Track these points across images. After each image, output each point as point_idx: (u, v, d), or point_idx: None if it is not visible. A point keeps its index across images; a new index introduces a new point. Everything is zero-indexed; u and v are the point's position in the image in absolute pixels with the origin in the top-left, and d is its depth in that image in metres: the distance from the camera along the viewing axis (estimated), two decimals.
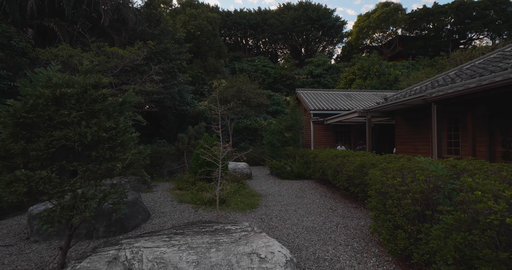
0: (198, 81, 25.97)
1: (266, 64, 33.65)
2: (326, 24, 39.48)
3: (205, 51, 30.80)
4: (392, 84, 24.06)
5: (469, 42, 45.58)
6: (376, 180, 3.90)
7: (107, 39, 10.74)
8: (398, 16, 43.77)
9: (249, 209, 5.72)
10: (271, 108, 23.73)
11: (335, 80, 31.35)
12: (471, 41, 44.99)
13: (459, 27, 44.26)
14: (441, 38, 45.28)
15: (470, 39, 44.82)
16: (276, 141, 11.64)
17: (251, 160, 15.57)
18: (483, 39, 44.61)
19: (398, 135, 11.78)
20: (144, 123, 8.77)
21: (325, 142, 17.10)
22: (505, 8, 38.59)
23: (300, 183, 9.12)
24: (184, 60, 13.10)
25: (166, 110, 19.40)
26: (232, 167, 9.70)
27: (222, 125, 19.77)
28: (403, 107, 10.73)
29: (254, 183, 9.20)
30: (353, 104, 18.11)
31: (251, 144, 19.26)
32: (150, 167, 10.38)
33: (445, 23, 44.58)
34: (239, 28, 39.82)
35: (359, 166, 5.69)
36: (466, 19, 41.78)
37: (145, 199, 6.67)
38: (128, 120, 3.30)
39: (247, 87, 16.73)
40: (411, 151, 10.97)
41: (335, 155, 7.42)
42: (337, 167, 6.63)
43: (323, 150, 9.31)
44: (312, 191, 7.78)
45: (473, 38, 44.54)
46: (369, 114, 11.92)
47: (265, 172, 11.96)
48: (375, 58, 25.53)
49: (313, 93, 20.56)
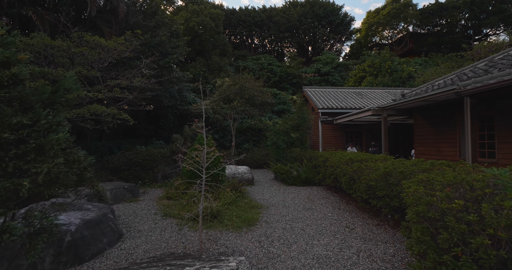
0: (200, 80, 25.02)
1: (272, 62, 32.55)
2: (334, 21, 38.16)
3: (209, 49, 29.92)
4: (405, 81, 22.66)
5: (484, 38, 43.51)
6: (418, 198, 2.78)
7: (96, 31, 9.84)
8: (409, 12, 42.09)
9: (246, 227, 4.65)
10: (276, 108, 22.62)
11: (344, 78, 30.03)
12: (487, 37, 42.93)
13: (474, 22, 42.32)
14: (455, 34, 43.35)
15: (485, 35, 42.80)
16: (281, 142, 10.55)
17: (255, 163, 14.51)
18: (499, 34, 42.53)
19: (418, 135, 10.55)
20: (131, 122, 7.81)
21: (335, 143, 15.92)
22: None
23: (308, 190, 8.00)
24: (181, 55, 12.12)
25: (165, 109, 18.49)
26: (231, 172, 8.65)
27: (225, 125, 18.82)
28: (425, 104, 9.52)
29: (256, 190, 8.13)
30: (364, 102, 16.88)
31: (255, 145, 18.21)
32: (142, 171, 9.42)
33: (459, 18, 42.70)
34: (244, 26, 38.84)
35: (382, 175, 4.56)
36: (481, 14, 39.86)
37: (124, 212, 5.67)
38: (61, 116, 2.27)
39: (251, 84, 15.68)
40: (433, 154, 9.74)
41: (350, 159, 6.29)
42: (353, 174, 5.51)
43: (334, 153, 8.17)
44: (322, 201, 6.66)
45: (489, 34, 42.51)
46: (384, 112, 10.73)
47: (269, 176, 10.87)
48: (387, 54, 24.17)
49: (321, 91, 19.39)
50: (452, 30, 43.80)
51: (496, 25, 37.84)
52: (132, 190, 7.08)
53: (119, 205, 6.28)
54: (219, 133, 18.40)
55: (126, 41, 7.87)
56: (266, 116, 21.14)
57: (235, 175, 8.57)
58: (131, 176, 9.18)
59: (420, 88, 10.94)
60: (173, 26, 11.65)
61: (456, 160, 8.82)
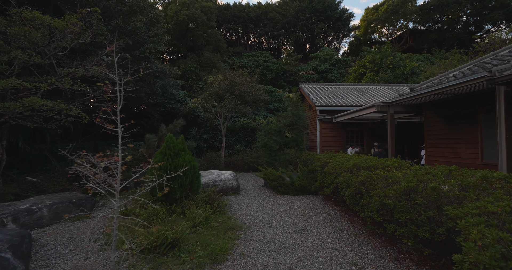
0: (192, 77, 23.66)
1: (268, 59, 31.18)
2: (333, 16, 36.82)
3: (201, 45, 28.52)
4: (408, 77, 21.37)
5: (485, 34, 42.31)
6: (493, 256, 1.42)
7: (57, 14, 8.44)
8: (408, 8, 40.86)
9: (210, 265, 3.28)
10: (272, 106, 21.27)
11: (343, 75, 28.71)
12: (489, 33, 41.75)
13: (475, 18, 41.17)
14: (456, 30, 42.16)
15: (488, 31, 41.63)
16: (273, 143, 9.19)
17: (246, 166, 13.14)
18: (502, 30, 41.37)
19: (429, 135, 9.22)
20: (85, 119, 6.40)
21: (334, 143, 14.60)
22: None
23: (303, 201, 6.64)
24: (160, 44, 10.70)
25: (152, 107, 17.11)
26: (212, 179, 7.27)
27: (215, 124, 17.45)
28: (439, 99, 8.23)
29: (240, 201, 6.75)
30: (365, 99, 15.57)
31: (248, 146, 16.84)
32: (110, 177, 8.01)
33: (460, 14, 41.53)
34: (239, 22, 37.42)
35: (404, 191, 3.21)
36: (483, 9, 38.67)
37: (57, 237, 4.28)
38: None
39: (242, 80, 14.32)
40: (448, 156, 8.42)
41: (355, 166, 4.93)
42: (360, 186, 4.16)
43: (334, 156, 6.83)
44: (320, 217, 5.30)
45: (491, 30, 41.33)
46: (391, 109, 9.41)
47: (259, 182, 9.50)
48: (388, 49, 22.86)
49: (319, 87, 18.07)
50: (453, 27, 42.61)
51: (500, 20, 36.56)
52: (83, 204, 5.69)
53: (58, 225, 4.90)
54: (209, 133, 17.03)
55: (82, 22, 6.47)
56: (260, 115, 19.79)
57: (217, 182, 7.19)
58: None
59: (431, 80, 9.62)
60: (151, 12, 10.23)
61: (477, 164, 7.50)
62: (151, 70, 12.20)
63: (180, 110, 16.99)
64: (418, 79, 21.09)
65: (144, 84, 13.03)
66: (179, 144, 5.73)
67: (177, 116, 17.71)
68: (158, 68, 11.29)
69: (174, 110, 17.22)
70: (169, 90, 14.94)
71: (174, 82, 15.73)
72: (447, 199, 2.82)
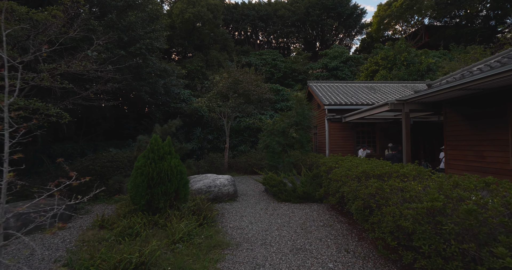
0: (197, 76, 23.21)
1: (276, 57, 30.41)
2: (344, 12, 35.66)
3: (208, 44, 28.06)
4: (423, 74, 20.16)
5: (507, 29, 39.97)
6: None
7: None
8: (424, 3, 39.13)
9: None
10: (279, 105, 20.53)
11: (354, 73, 27.60)
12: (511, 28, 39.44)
13: (496, 12, 38.99)
14: (475, 25, 40.07)
15: (510, 25, 39.33)
16: (275, 145, 8.48)
17: (249, 168, 12.48)
18: None
19: (449, 136, 8.29)
20: (64, 119, 5.89)
21: (344, 144, 13.76)
22: None
23: (305, 210, 5.91)
24: (158, 40, 10.17)
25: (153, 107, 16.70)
26: (206, 184, 6.63)
27: (220, 124, 16.88)
28: (461, 95, 7.34)
29: (235, 209, 6.09)
30: (377, 98, 14.64)
31: (253, 147, 16.17)
32: (100, 182, 7.53)
33: (479, 8, 39.43)
34: (248, 20, 36.80)
35: (427, 211, 2.46)
36: (505, 2, 36.51)
37: (15, 254, 3.74)
38: None
39: (246, 77, 13.67)
40: (472, 159, 7.49)
41: (363, 173, 4.17)
42: (369, 198, 3.42)
43: (341, 160, 6.07)
44: (323, 231, 4.57)
45: None
46: (406, 107, 8.54)
47: (261, 187, 8.81)
48: (403, 45, 21.66)
49: (328, 85, 17.21)
50: (472, 22, 40.55)
51: None
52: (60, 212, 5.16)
53: (22, 238, 4.38)
54: (213, 134, 16.46)
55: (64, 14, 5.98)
56: (267, 115, 19.09)
57: (211, 188, 6.55)
58: (84, 188, 7.30)
59: (452, 75, 8.66)
60: (148, 6, 9.71)
61: (506, 169, 6.57)
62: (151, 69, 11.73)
63: (185, 110, 16.53)
64: (435, 76, 19.86)
65: (144, 83, 12.59)
66: (164, 147, 5.13)
67: (181, 116, 17.27)
68: (156, 66, 10.78)
69: (179, 110, 16.77)
70: (171, 89, 14.46)
71: (177, 82, 15.25)
72: (489, 226, 2.06)
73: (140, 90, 11.80)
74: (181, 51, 29.19)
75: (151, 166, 4.83)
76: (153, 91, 13.43)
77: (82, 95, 7.49)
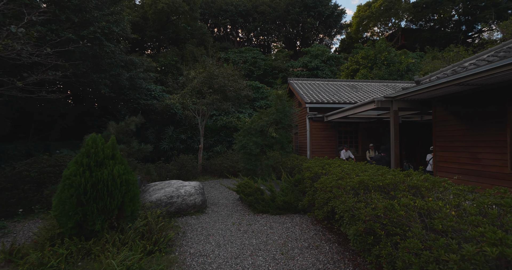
0: (172, 71, 21.70)
1: (256, 55, 29.44)
2: (324, 12, 35.42)
3: (184, 38, 26.50)
4: (403, 74, 20.06)
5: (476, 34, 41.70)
6: None
7: None
8: (401, 6, 39.97)
9: None
10: (258, 103, 19.57)
11: (335, 73, 27.27)
12: (480, 33, 41.22)
13: (467, 18, 40.58)
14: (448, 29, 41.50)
15: (479, 30, 41.09)
16: (252, 146, 7.46)
17: (225, 170, 11.37)
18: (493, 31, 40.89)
19: (439, 136, 7.70)
20: None
21: (326, 144, 13.04)
22: None
23: (286, 225, 4.93)
24: (118, 25, 8.79)
25: (117, 102, 15.10)
26: (167, 194, 5.46)
27: (195, 123, 15.63)
28: (457, 91, 6.72)
29: (202, 225, 4.99)
30: (359, 96, 14.09)
31: (230, 148, 15.08)
32: (36, 192, 6.10)
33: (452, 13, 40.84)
34: (227, 16, 35.57)
35: (494, 260, 1.54)
36: (475, 9, 38.04)
37: None
38: None
39: (222, 72, 12.55)
40: (465, 162, 6.90)
41: (361, 183, 3.24)
42: (373, 221, 2.49)
43: (328, 164, 5.16)
44: (308, 257, 3.61)
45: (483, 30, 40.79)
46: (395, 104, 7.86)
47: (235, 194, 7.74)
48: (383, 44, 21.50)
49: (309, 83, 16.50)
50: (445, 26, 41.95)
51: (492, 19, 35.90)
52: None
53: None
54: (187, 133, 15.16)
55: None
56: (245, 113, 18.06)
57: (173, 199, 5.39)
58: (15, 199, 5.86)
59: (442, 71, 8.09)
60: None
61: (505, 173, 6.00)
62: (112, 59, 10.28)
63: (156, 107, 15.11)
64: (414, 76, 19.81)
65: (106, 75, 11.09)
66: (105, 149, 3.93)
67: (152, 113, 15.82)
68: (118, 55, 9.36)
69: (149, 107, 15.31)
70: (138, 82, 13.00)
71: (146, 75, 13.81)
72: None
73: (99, 82, 10.31)
74: (154, 45, 27.40)
75: (85, 175, 3.63)
76: (116, 84, 11.94)
77: (14, 85, 6.03)
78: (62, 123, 13.50)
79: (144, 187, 6.12)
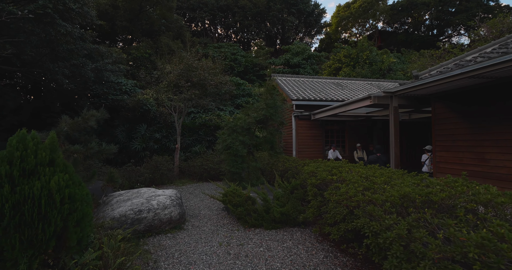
0: (145, 65, 20.03)
1: (236, 52, 28.33)
2: (304, 9, 35.09)
3: (159, 31, 24.76)
4: (385, 73, 20.00)
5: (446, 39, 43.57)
6: None
7: None
8: (379, 7, 40.79)
9: None
10: (239, 100, 18.53)
11: (317, 71, 26.90)
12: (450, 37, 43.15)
13: (438, 22, 42.28)
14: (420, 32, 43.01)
15: (449, 35, 42.99)
16: (239, 146, 6.46)
17: (205, 173, 10.24)
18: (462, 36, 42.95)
19: (439, 135, 7.16)
20: None
21: (312, 144, 12.34)
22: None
23: (286, 245, 3.99)
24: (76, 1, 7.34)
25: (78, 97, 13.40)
26: (135, 207, 4.30)
27: (171, 121, 14.31)
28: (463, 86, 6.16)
29: (180, 247, 3.92)
30: (346, 94, 13.57)
31: (210, 148, 13.93)
32: None
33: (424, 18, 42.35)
34: (206, 9, 34.09)
35: None
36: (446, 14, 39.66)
37: None
38: None
39: (201, 64, 11.40)
40: (469, 163, 6.38)
41: (405, 198, 2.38)
42: (450, 261, 1.61)
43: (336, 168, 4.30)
44: None
45: (452, 35, 42.74)
46: (395, 100, 7.22)
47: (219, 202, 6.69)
48: (365, 43, 21.37)
49: (293, 80, 15.76)
50: (418, 29, 43.42)
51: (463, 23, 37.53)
52: None
53: None
54: (162, 132, 13.79)
55: None
56: (226, 110, 16.94)
57: (142, 214, 4.25)
58: None
59: (442, 66, 7.59)
60: None
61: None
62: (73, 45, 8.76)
63: (127, 103, 13.57)
64: (396, 75, 19.84)
65: (65, 64, 9.53)
66: (40, 152, 2.74)
67: (123, 110, 14.26)
68: (76, 38, 7.90)
69: (119, 102, 13.73)
70: (105, 75, 11.46)
71: (115, 67, 12.27)
72: None
73: (56, 72, 8.75)
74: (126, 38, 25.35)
75: (3, 191, 2.43)
76: (79, 76, 10.38)
77: None
78: (12, 119, 11.63)
79: (106, 198, 4.89)
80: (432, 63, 13.50)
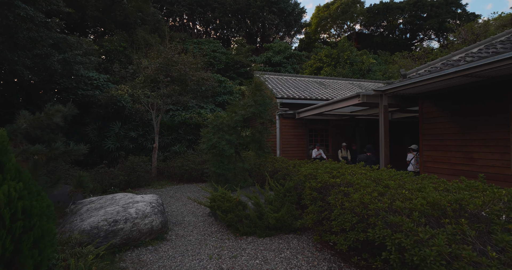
0: (119, 59, 18.80)
1: (217, 48, 27.59)
2: (285, 8, 35.04)
3: (134, 23, 23.43)
4: (365, 74, 20.35)
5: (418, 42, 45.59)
6: None
7: None
8: (357, 9, 41.82)
9: None
10: (221, 98, 17.95)
11: (298, 71, 26.89)
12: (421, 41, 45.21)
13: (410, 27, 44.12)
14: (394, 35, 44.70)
15: (420, 39, 45.03)
16: (225, 145, 6.00)
17: (187, 175, 9.63)
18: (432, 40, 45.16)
19: (426, 134, 7.16)
20: None
21: (296, 143, 12.14)
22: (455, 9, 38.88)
23: (284, 255, 3.61)
24: None
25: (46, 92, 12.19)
26: (109, 217, 3.71)
27: (148, 119, 13.45)
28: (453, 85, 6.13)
29: (163, 263, 3.41)
30: (330, 93, 13.51)
31: (191, 147, 13.28)
32: None
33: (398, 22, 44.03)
34: (184, 3, 32.95)
35: None
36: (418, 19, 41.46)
37: None
38: None
39: (181, 58, 10.74)
40: (457, 163, 6.40)
41: (434, 206, 2.08)
42: None
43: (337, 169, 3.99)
44: None
45: (424, 39, 44.82)
46: (385, 99, 7.10)
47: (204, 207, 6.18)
48: (346, 43, 21.61)
49: (277, 78, 15.48)
50: (392, 32, 45.10)
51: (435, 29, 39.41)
52: None
53: None
54: (138, 130, 12.91)
55: None
56: (207, 108, 16.31)
57: (118, 224, 3.67)
58: None
59: (430, 65, 7.60)
60: None
61: (506, 174, 5.54)
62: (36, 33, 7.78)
63: (99, 99, 12.54)
64: (375, 76, 20.24)
65: (26, 53, 8.48)
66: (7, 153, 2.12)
67: (94, 107, 13.17)
68: (39, 24, 6.99)
69: (90, 98, 12.66)
70: (74, 68, 10.45)
71: (86, 59, 11.24)
72: None
73: (15, 62, 7.74)
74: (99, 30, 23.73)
75: None
76: (44, 68, 9.33)
77: None
78: None
79: (74, 207, 4.23)
80: (412, 64, 13.86)
